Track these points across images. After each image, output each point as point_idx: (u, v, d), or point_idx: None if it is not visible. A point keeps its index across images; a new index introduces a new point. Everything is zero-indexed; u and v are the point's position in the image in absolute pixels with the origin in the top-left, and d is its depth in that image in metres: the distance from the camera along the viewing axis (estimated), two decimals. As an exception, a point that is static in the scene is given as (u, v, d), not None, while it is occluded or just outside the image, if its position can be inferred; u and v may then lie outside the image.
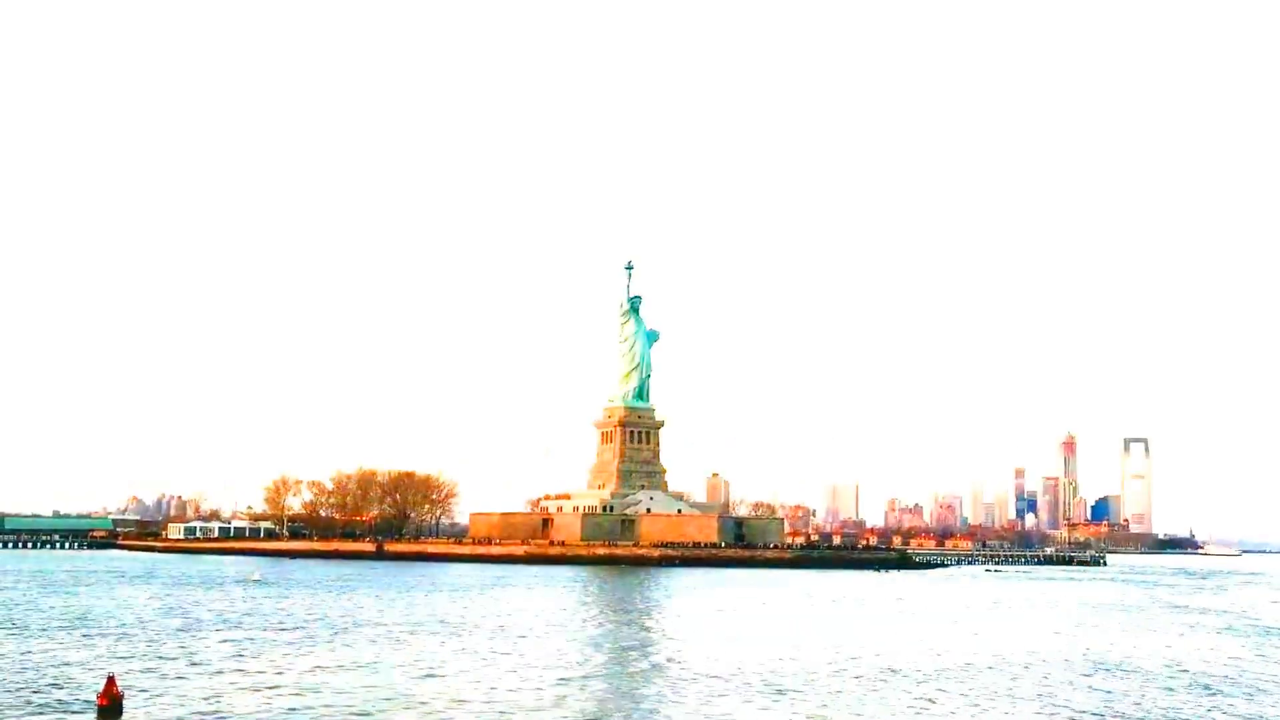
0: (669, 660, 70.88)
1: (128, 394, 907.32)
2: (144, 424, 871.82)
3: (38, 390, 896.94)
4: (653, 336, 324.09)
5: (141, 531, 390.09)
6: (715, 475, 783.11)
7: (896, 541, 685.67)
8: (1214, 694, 60.54)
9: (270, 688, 56.70)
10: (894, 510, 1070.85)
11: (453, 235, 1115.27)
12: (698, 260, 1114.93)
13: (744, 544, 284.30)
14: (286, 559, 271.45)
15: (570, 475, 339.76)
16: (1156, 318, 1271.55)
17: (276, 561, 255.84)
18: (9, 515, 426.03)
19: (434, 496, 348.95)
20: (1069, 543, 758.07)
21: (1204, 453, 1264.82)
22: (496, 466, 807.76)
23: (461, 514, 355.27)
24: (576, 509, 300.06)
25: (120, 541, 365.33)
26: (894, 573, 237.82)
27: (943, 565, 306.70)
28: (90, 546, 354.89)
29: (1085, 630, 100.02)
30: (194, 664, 65.21)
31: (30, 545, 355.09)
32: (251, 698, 53.47)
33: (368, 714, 50.04)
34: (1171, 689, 61.77)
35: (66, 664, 64.18)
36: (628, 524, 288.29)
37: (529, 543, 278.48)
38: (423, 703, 53.02)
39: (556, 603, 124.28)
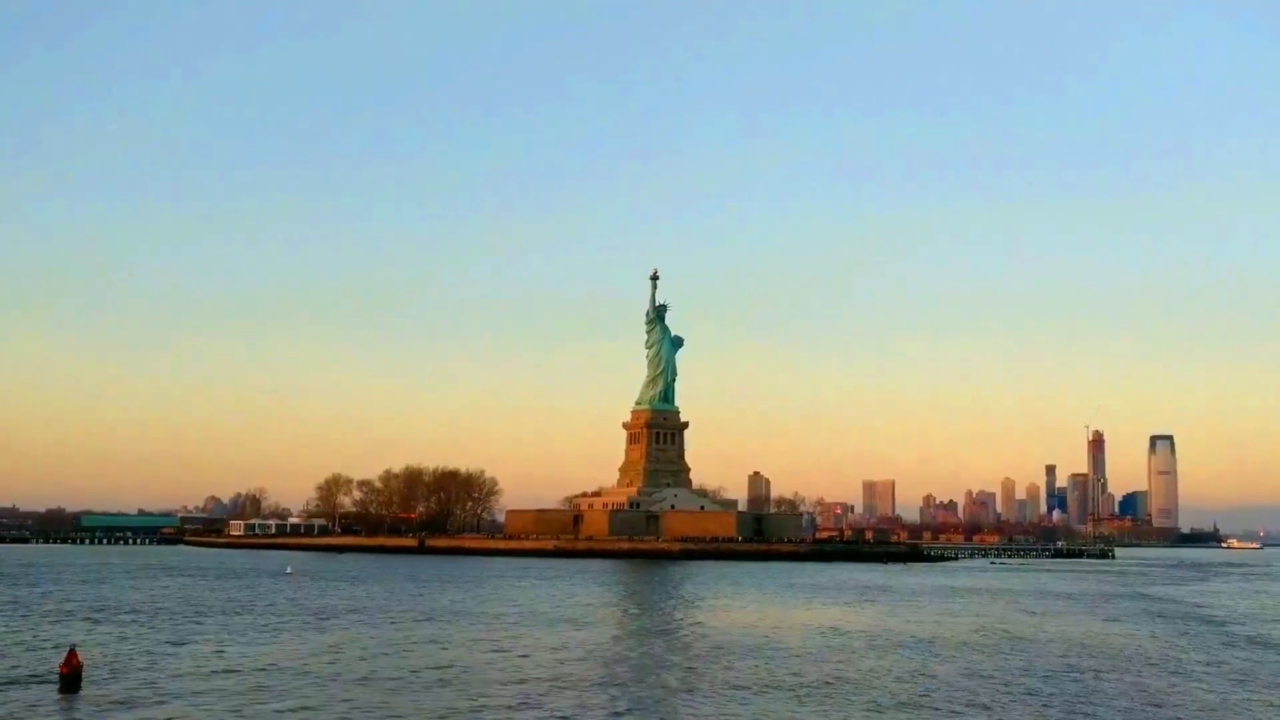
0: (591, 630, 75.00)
1: (211, 401, 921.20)
2: (225, 429, 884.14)
3: (128, 396, 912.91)
4: (677, 343, 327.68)
5: (206, 529, 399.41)
6: (756, 473, 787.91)
7: (927, 537, 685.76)
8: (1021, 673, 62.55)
9: (227, 670, 60.01)
10: (930, 507, 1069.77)
11: (495, 251, 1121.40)
12: (722, 269, 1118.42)
13: (761, 539, 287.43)
14: (335, 553, 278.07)
15: (603, 474, 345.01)
16: (1181, 318, 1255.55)
17: (326, 556, 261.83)
18: (88, 514, 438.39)
19: (476, 494, 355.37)
20: (1093, 537, 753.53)
21: (1232, 450, 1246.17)
22: (536, 465, 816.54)
23: (502, 510, 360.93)
24: (606, 506, 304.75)
25: (187, 538, 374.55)
26: (898, 566, 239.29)
27: (954, 559, 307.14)
28: (161, 543, 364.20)
29: (973, 614, 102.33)
30: (172, 643, 69.66)
31: (106, 541, 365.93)
32: (204, 672, 57.41)
33: (306, 695, 53.89)
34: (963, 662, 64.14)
35: (51, 643, 68.30)
36: (653, 519, 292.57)
37: (560, 538, 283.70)
38: (368, 682, 56.53)
39: (560, 590, 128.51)
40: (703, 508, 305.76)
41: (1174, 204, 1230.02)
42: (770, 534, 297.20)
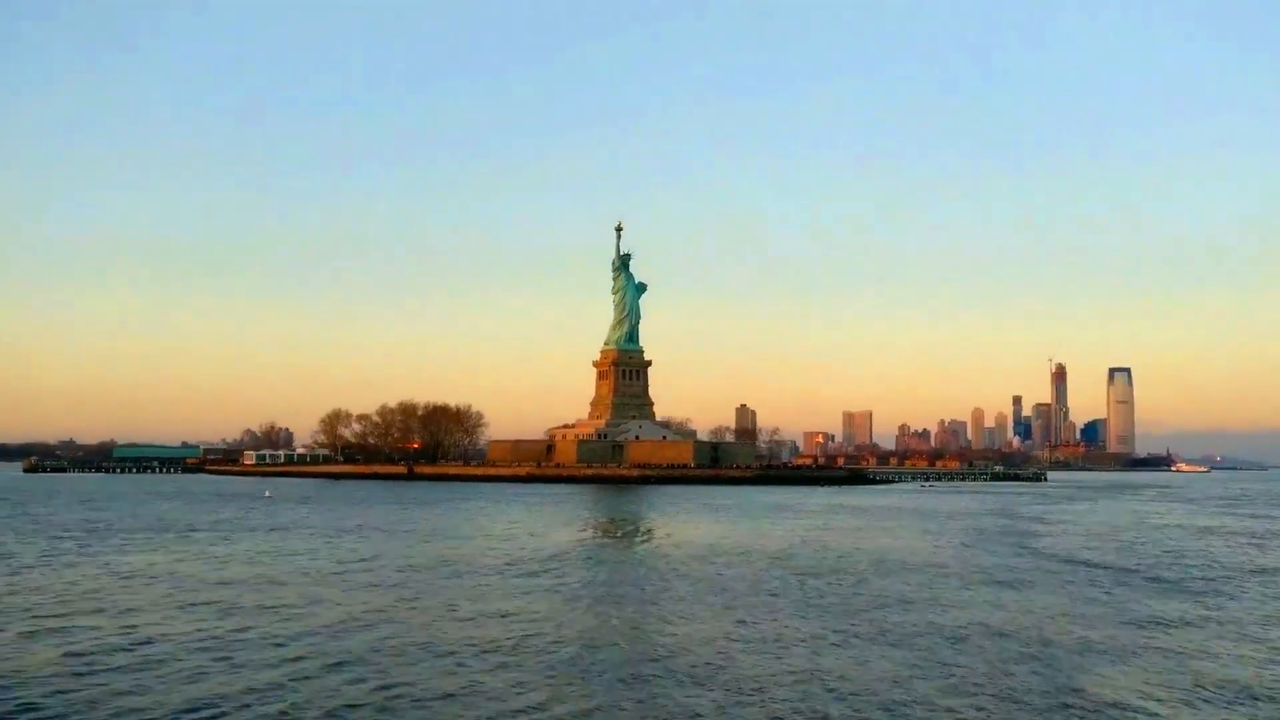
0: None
1: (244, 345, 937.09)
2: (257, 369, 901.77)
3: (173, 340, 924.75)
4: (641, 288, 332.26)
5: (225, 459, 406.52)
6: (743, 406, 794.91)
7: (893, 462, 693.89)
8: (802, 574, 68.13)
9: (126, 576, 65.97)
10: (904, 435, 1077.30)
11: (483, 205, 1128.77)
12: (688, 216, 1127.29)
13: (717, 465, 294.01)
14: (333, 480, 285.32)
15: (579, 408, 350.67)
16: (1137, 257, 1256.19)
17: (325, 482, 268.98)
18: (119, 445, 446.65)
19: (465, 425, 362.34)
20: (1049, 462, 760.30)
21: (1188, 381, 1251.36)
22: (520, 400, 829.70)
23: (489, 440, 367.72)
24: (577, 436, 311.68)
25: (207, 468, 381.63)
26: (831, 488, 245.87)
27: (892, 481, 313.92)
28: (185, 472, 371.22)
29: (818, 527, 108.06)
30: (84, 554, 75.73)
31: (135, 470, 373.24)
32: (91, 584, 62.88)
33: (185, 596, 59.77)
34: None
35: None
36: (618, 448, 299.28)
37: (534, 465, 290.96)
38: (226, 584, 62.65)
39: (490, 511, 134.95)
40: (665, 438, 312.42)
41: (1129, 155, 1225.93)
42: (725, 461, 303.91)
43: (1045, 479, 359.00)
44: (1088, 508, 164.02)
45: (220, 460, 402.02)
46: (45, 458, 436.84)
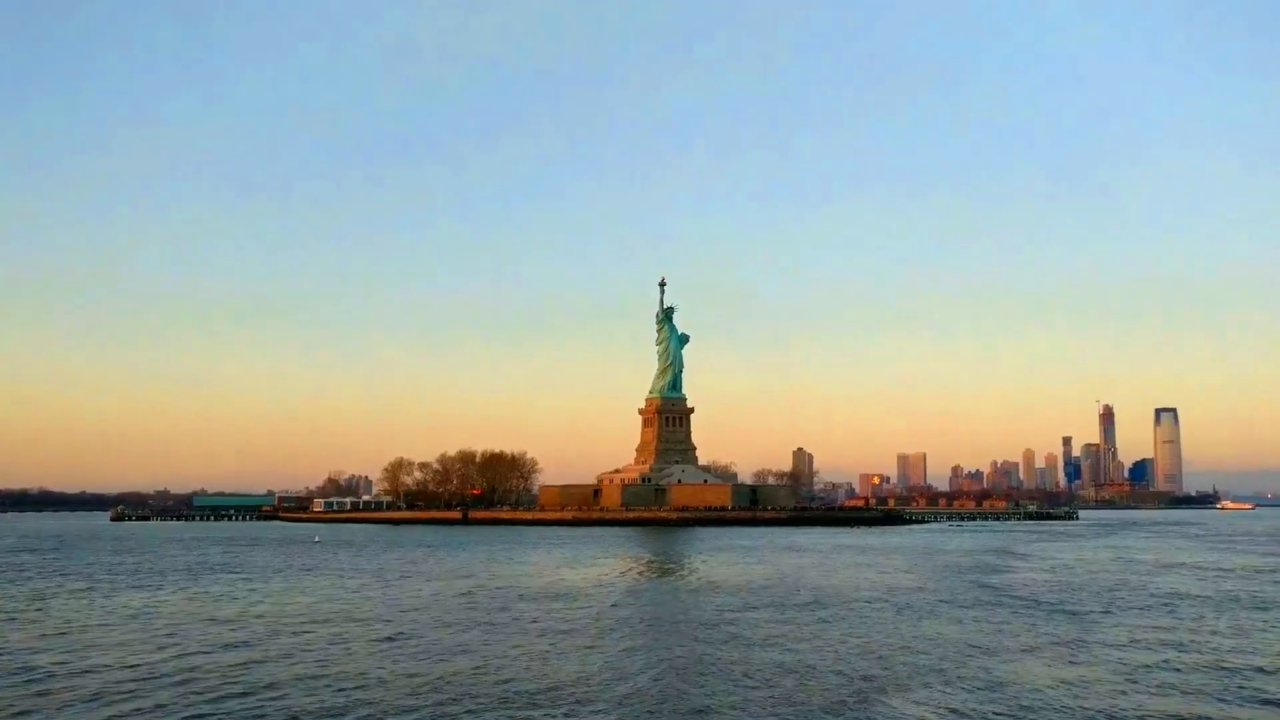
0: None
1: (322, 395, 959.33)
2: (336, 417, 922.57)
3: (261, 389, 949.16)
4: (684, 339, 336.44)
5: (296, 506, 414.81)
6: (800, 449, 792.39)
7: (942, 503, 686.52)
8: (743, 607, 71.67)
9: (133, 615, 72.18)
10: (957, 476, 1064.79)
11: (531, 268, 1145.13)
12: (736, 269, 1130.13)
13: (755, 507, 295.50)
14: (393, 525, 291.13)
15: (627, 453, 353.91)
16: (1179, 300, 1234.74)
17: (385, 528, 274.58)
18: (198, 494, 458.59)
19: (520, 472, 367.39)
20: (1096, 500, 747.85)
21: (1234, 420, 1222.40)
22: (572, 446, 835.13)
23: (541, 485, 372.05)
24: (623, 481, 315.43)
25: (281, 515, 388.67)
26: (864, 528, 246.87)
27: (925, 521, 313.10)
28: (260, 519, 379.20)
29: (793, 565, 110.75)
30: (106, 594, 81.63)
31: (211, 518, 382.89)
32: (108, 619, 68.94)
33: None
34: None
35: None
36: (660, 491, 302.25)
37: (580, 509, 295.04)
38: (243, 619, 68.01)
39: (499, 553, 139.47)
40: (705, 481, 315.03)
41: (1173, 192, 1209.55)
42: (764, 503, 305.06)
43: (1076, 518, 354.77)
44: (1077, 545, 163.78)
45: (293, 508, 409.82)
46: (133, 507, 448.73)
